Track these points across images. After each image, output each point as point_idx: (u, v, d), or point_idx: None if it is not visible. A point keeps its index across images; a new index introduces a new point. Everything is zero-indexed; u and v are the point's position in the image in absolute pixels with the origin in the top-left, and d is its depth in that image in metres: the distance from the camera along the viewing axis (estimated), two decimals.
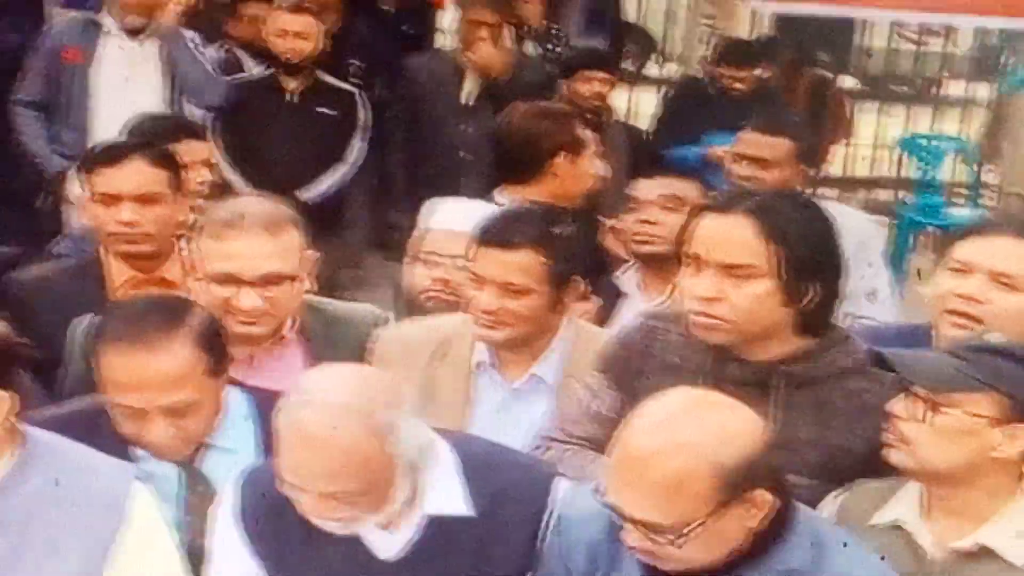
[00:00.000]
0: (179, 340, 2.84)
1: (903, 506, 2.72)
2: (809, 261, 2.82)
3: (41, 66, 6.07)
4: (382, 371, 2.78)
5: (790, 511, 2.52)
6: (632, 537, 2.45)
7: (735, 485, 2.37)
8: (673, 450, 2.36)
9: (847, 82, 10.05)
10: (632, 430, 2.44)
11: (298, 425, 2.54)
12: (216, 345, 2.93)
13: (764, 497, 2.42)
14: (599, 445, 2.89)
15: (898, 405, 2.70)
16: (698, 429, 2.39)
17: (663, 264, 4.00)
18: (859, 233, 4.61)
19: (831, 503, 2.80)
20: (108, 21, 6.05)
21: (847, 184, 9.39)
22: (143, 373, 2.81)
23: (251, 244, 3.21)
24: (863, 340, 3.00)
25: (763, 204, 2.85)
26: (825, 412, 2.88)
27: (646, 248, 4.24)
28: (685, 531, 2.37)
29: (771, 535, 2.49)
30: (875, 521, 2.72)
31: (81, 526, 2.70)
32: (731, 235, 2.82)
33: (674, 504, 2.37)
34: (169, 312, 2.93)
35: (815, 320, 2.89)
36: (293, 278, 3.27)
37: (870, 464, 2.85)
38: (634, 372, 3.02)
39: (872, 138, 9.49)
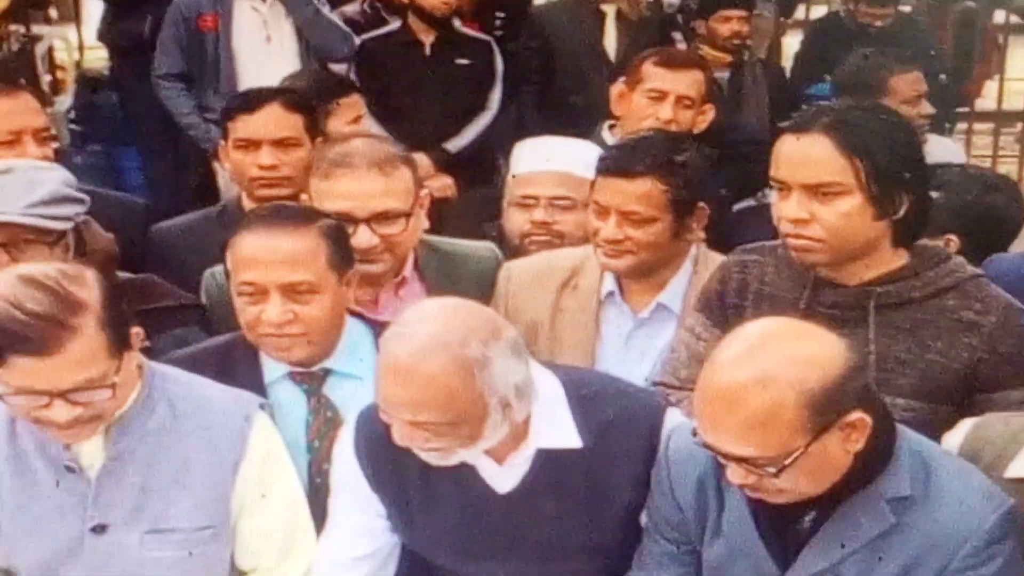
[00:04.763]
0: (308, 228, 2.99)
1: None
2: (894, 170, 2.77)
3: (176, 38, 6.09)
4: (482, 307, 2.77)
5: (894, 437, 2.49)
6: (735, 474, 2.43)
7: (826, 410, 2.34)
8: (756, 383, 2.33)
9: (998, 16, 9.80)
10: (714, 367, 2.41)
11: (389, 354, 2.58)
12: (341, 244, 3.06)
13: (862, 419, 2.38)
14: None
15: None
16: (778, 358, 2.35)
17: None
18: None
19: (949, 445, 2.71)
20: None
21: (1002, 117, 9.20)
22: (269, 248, 2.96)
23: (361, 183, 3.29)
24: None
25: (840, 119, 2.79)
26: (923, 332, 2.84)
27: None
28: (786, 462, 2.35)
29: (876, 461, 2.46)
30: (1011, 474, 2.56)
31: (205, 456, 2.80)
32: (811, 154, 2.78)
33: (768, 437, 2.34)
34: (305, 211, 3.15)
35: (911, 229, 2.86)
36: (407, 215, 3.33)
37: (969, 384, 2.83)
38: (732, 308, 3.02)
39: None
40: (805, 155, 2.79)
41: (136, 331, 2.71)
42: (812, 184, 2.78)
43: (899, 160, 2.79)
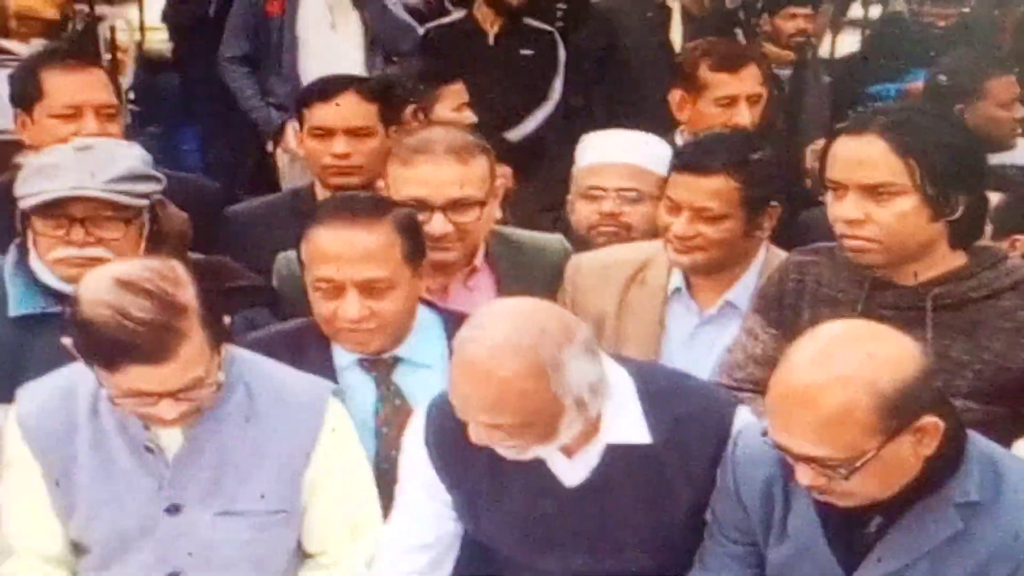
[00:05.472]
0: (382, 222, 3.01)
1: None
2: (951, 171, 2.78)
3: (244, 21, 6.10)
4: (556, 307, 2.76)
5: (963, 441, 2.47)
6: (805, 475, 2.42)
7: (900, 413, 2.33)
8: (832, 383, 2.32)
9: None
10: (788, 367, 2.39)
11: (462, 356, 2.56)
12: (414, 236, 3.07)
13: (935, 423, 2.37)
14: (765, 387, 2.82)
15: None
16: (854, 360, 2.34)
17: None
18: None
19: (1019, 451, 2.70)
20: None
21: None
22: (346, 244, 2.98)
23: (439, 169, 3.31)
24: None
25: (896, 120, 2.81)
26: (981, 333, 2.84)
27: None
28: (857, 464, 2.34)
29: (945, 466, 2.44)
30: None
31: (279, 440, 2.83)
32: (867, 155, 2.79)
33: (841, 437, 2.33)
34: (377, 202, 3.17)
35: (967, 230, 2.86)
36: (482, 204, 3.35)
37: None
38: (789, 309, 3.02)
39: None
40: (861, 156, 2.80)
41: (227, 320, 2.76)
42: (868, 185, 2.79)
43: (955, 161, 2.80)
